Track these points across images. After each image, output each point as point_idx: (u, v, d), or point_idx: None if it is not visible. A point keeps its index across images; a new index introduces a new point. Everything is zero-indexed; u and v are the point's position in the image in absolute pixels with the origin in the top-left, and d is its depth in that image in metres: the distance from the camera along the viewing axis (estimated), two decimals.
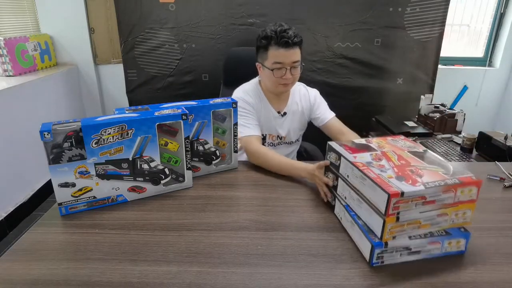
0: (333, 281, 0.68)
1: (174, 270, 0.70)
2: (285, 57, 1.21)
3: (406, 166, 0.76)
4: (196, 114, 1.07)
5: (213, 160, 1.15)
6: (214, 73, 2.41)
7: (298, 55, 1.24)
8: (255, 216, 0.90)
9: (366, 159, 0.80)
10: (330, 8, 2.28)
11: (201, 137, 1.12)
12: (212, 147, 1.14)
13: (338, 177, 0.86)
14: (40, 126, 0.83)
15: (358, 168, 0.76)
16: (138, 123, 0.91)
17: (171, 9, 2.29)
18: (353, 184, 0.79)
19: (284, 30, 1.19)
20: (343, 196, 0.85)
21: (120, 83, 2.55)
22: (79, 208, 0.91)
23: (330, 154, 0.90)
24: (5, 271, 0.70)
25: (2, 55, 2.25)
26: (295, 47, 1.21)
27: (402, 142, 0.90)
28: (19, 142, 2.10)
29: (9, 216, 2.05)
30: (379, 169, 0.75)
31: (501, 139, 1.55)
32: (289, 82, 1.26)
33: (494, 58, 2.96)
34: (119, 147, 0.91)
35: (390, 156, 0.81)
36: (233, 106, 1.12)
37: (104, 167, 0.91)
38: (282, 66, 1.22)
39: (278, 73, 1.23)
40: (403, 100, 2.52)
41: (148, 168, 0.96)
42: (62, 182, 0.87)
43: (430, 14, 2.32)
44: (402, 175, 0.72)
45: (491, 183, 1.11)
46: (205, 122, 1.10)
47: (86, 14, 2.67)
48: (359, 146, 0.88)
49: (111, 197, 0.95)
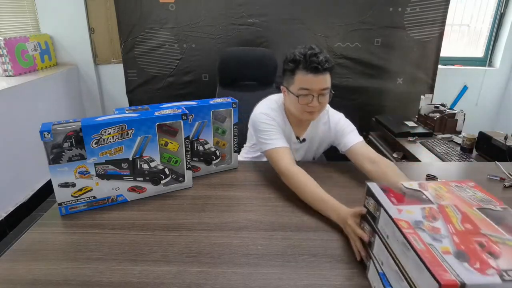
0: (333, 281, 0.68)
1: (174, 270, 0.70)
2: (313, 83, 1.09)
3: (474, 235, 0.52)
4: (196, 114, 1.07)
5: (213, 160, 1.15)
6: (214, 73, 2.40)
7: (328, 82, 1.11)
8: (255, 216, 0.90)
9: (415, 216, 0.57)
10: (330, 8, 2.28)
11: (201, 137, 1.12)
12: (212, 147, 1.14)
13: (376, 233, 0.65)
14: (40, 126, 0.83)
15: (401, 231, 0.54)
16: (138, 123, 0.91)
17: (171, 9, 2.29)
18: (393, 250, 0.57)
19: (314, 54, 1.08)
20: (379, 260, 0.63)
21: (120, 83, 2.55)
22: (79, 208, 0.92)
23: (368, 200, 0.68)
24: (5, 271, 0.70)
25: (2, 55, 2.25)
26: (325, 73, 1.09)
27: (470, 192, 0.66)
28: (19, 142, 2.10)
29: (9, 216, 2.05)
30: (431, 235, 0.52)
31: (501, 139, 1.55)
32: (316, 110, 1.14)
33: (494, 58, 2.96)
34: (119, 147, 0.91)
35: (451, 215, 0.57)
36: (233, 106, 1.12)
37: (104, 167, 0.91)
38: (309, 93, 1.09)
39: (304, 100, 1.10)
40: (403, 100, 2.52)
41: (148, 168, 0.97)
42: (62, 182, 0.87)
43: (430, 14, 2.32)
44: (466, 250, 0.49)
45: (491, 183, 1.11)
46: (205, 122, 1.10)
47: (86, 14, 2.67)
48: (409, 193, 0.65)
49: (111, 197, 0.95)
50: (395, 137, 1.97)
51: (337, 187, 1.03)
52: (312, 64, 1.06)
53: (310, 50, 1.08)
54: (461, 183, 0.69)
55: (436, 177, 1.09)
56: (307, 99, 1.10)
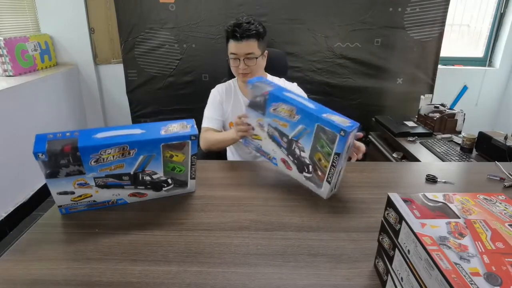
0: (333, 281, 0.68)
1: (174, 270, 0.70)
2: (237, 48, 1.31)
3: (505, 255, 0.47)
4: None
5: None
6: (214, 73, 2.41)
7: (252, 48, 1.31)
8: (255, 216, 0.90)
9: (439, 231, 0.52)
10: (330, 8, 2.29)
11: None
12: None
13: (396, 247, 0.59)
14: (34, 139, 0.79)
15: (425, 247, 0.49)
16: (142, 143, 0.85)
17: (171, 9, 2.29)
18: (415, 267, 0.52)
19: (238, 24, 1.29)
20: (399, 276, 0.58)
21: (120, 83, 2.55)
22: (79, 208, 0.91)
23: (389, 211, 0.62)
24: (5, 271, 0.70)
25: (2, 55, 2.25)
26: (247, 40, 1.29)
27: (501, 206, 0.60)
28: (19, 142, 2.10)
29: (9, 216, 2.05)
30: (458, 253, 0.47)
31: (501, 139, 1.55)
32: (247, 72, 1.35)
33: (494, 58, 2.96)
34: (119, 164, 0.86)
35: (479, 231, 0.52)
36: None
37: (104, 180, 0.88)
38: (236, 57, 1.33)
39: (233, 63, 1.35)
40: (403, 100, 2.52)
41: (150, 180, 0.93)
42: (61, 191, 0.86)
43: (430, 14, 2.32)
44: (497, 271, 0.44)
45: (491, 183, 1.11)
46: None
47: (86, 14, 2.67)
48: (432, 206, 0.60)
49: (111, 200, 0.93)
50: (395, 137, 1.97)
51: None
52: (234, 33, 1.29)
53: (236, 21, 1.30)
54: (490, 196, 0.64)
55: (436, 177, 1.09)
56: (235, 62, 1.34)
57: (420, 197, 0.62)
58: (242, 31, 1.28)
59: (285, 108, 0.98)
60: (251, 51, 1.31)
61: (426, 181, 1.09)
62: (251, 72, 1.36)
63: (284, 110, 0.98)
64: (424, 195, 0.63)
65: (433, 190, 1.05)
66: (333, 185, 0.97)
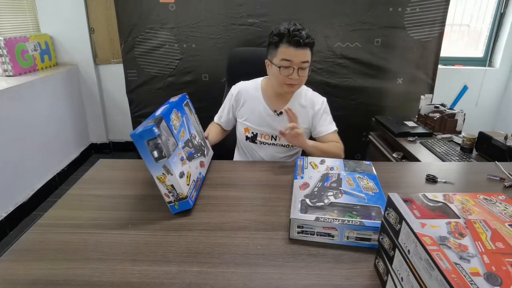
0: (333, 281, 0.68)
1: (174, 270, 0.70)
2: (294, 55, 1.19)
3: (505, 255, 0.47)
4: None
5: None
6: (214, 73, 2.41)
7: (308, 56, 1.22)
8: (255, 216, 0.90)
9: (439, 231, 0.52)
10: (330, 8, 2.28)
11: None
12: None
13: (396, 247, 0.59)
14: (133, 136, 0.81)
15: (424, 247, 0.49)
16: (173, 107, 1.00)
17: (171, 9, 2.29)
18: (415, 267, 0.52)
19: (297, 30, 1.18)
20: (399, 276, 0.58)
21: (120, 83, 2.55)
22: (194, 197, 0.96)
23: (389, 211, 0.63)
24: (5, 271, 0.70)
25: (2, 55, 2.25)
26: (305, 48, 1.19)
27: (501, 206, 0.60)
28: (19, 142, 2.10)
29: (9, 216, 2.05)
30: (458, 253, 0.48)
31: (501, 139, 1.55)
32: (295, 83, 1.24)
33: (494, 58, 2.96)
34: (182, 131, 1.00)
35: (479, 232, 0.52)
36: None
37: (186, 150, 0.97)
38: (290, 64, 1.20)
39: (285, 72, 1.21)
40: (403, 100, 2.52)
41: (197, 143, 1.09)
42: (179, 172, 0.88)
43: (430, 14, 2.32)
44: (497, 271, 0.44)
45: (491, 183, 1.11)
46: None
47: (86, 14, 2.67)
48: (433, 206, 0.60)
49: (198, 178, 1.02)
50: (395, 137, 1.97)
51: None
52: (294, 38, 1.17)
53: (294, 26, 1.19)
54: (490, 196, 0.64)
55: (436, 177, 1.09)
56: (288, 71, 1.21)
57: (420, 197, 0.62)
58: (304, 37, 1.17)
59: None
60: (307, 60, 1.21)
61: (426, 181, 1.09)
62: (299, 83, 1.27)
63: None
64: (424, 195, 0.63)
65: (433, 190, 1.05)
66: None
